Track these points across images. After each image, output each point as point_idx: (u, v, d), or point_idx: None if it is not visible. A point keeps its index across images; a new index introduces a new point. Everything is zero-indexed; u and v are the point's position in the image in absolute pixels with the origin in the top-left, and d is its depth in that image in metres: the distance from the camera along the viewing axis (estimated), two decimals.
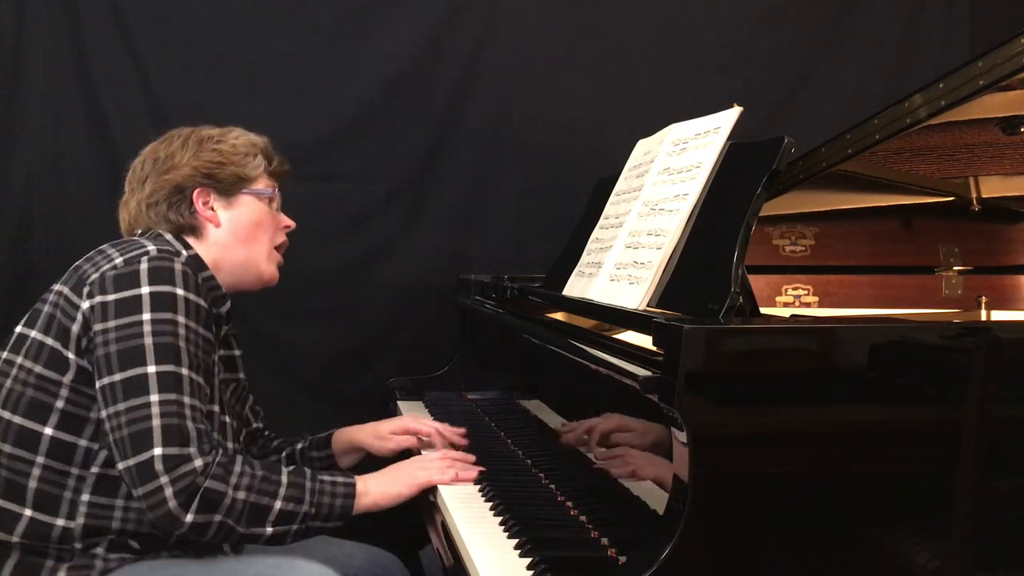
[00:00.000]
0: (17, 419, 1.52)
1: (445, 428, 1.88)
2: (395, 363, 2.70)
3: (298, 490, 1.49)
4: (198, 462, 1.40)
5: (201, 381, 1.49)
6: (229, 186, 1.70)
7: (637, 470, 1.38)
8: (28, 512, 1.50)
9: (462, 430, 1.90)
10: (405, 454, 1.86)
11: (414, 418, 1.95)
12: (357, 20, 2.73)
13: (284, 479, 1.49)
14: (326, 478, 1.54)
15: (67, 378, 1.51)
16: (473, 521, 1.46)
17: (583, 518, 1.45)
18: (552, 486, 1.61)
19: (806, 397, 1.17)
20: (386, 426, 1.92)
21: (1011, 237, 2.24)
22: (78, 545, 1.51)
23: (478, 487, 1.61)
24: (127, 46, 2.62)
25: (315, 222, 2.45)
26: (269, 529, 1.47)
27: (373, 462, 1.86)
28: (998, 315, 2.22)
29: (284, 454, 1.93)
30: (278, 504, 1.47)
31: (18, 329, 1.59)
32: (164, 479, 1.38)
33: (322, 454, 1.92)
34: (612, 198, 1.84)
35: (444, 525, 1.51)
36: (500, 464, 1.75)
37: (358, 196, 2.75)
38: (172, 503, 1.38)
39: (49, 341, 1.52)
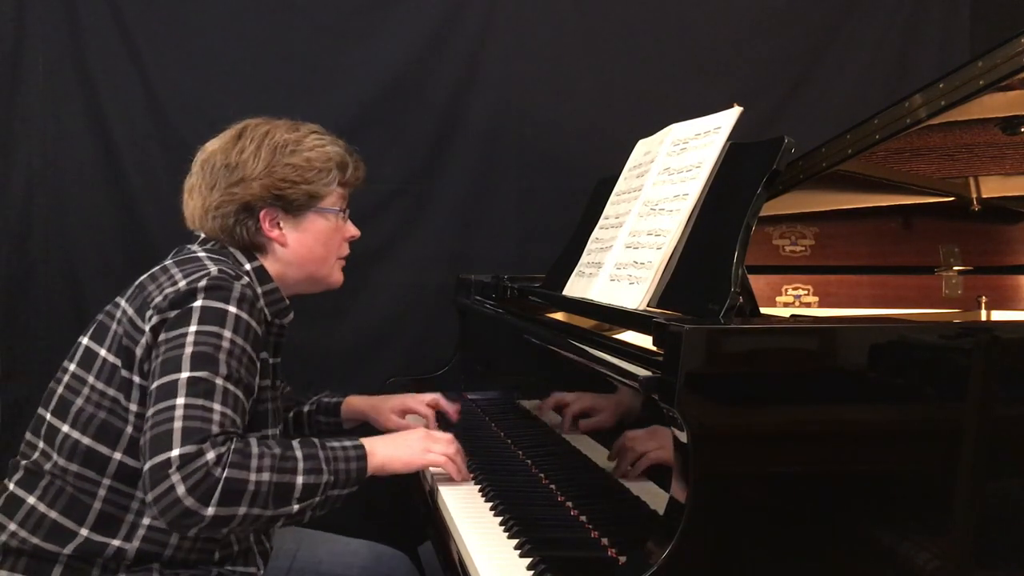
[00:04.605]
0: (86, 440, 1.50)
1: (442, 400, 1.97)
2: (395, 363, 2.70)
3: (315, 461, 1.45)
4: (210, 455, 1.34)
5: (239, 394, 1.44)
6: (299, 207, 1.65)
7: (648, 453, 1.37)
8: (84, 532, 1.49)
9: (457, 405, 1.99)
10: None
11: (413, 396, 2.01)
12: (358, 20, 2.73)
13: (299, 453, 1.45)
14: (335, 444, 1.52)
15: (134, 403, 1.49)
16: (473, 521, 1.46)
17: (583, 518, 1.44)
18: (552, 486, 1.61)
19: (806, 397, 1.17)
20: (388, 403, 1.98)
21: (1011, 237, 2.24)
22: (126, 563, 1.50)
23: (478, 487, 1.61)
24: (127, 46, 2.63)
25: None
26: (296, 506, 1.42)
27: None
28: (998, 315, 2.22)
29: (291, 414, 1.95)
30: (300, 479, 1.42)
31: (84, 341, 1.57)
32: (175, 477, 1.32)
33: (330, 420, 1.97)
34: (612, 198, 1.84)
35: (444, 526, 1.51)
36: (500, 464, 1.75)
37: (358, 196, 2.73)
38: (188, 500, 1.32)
39: (118, 362, 1.51)
